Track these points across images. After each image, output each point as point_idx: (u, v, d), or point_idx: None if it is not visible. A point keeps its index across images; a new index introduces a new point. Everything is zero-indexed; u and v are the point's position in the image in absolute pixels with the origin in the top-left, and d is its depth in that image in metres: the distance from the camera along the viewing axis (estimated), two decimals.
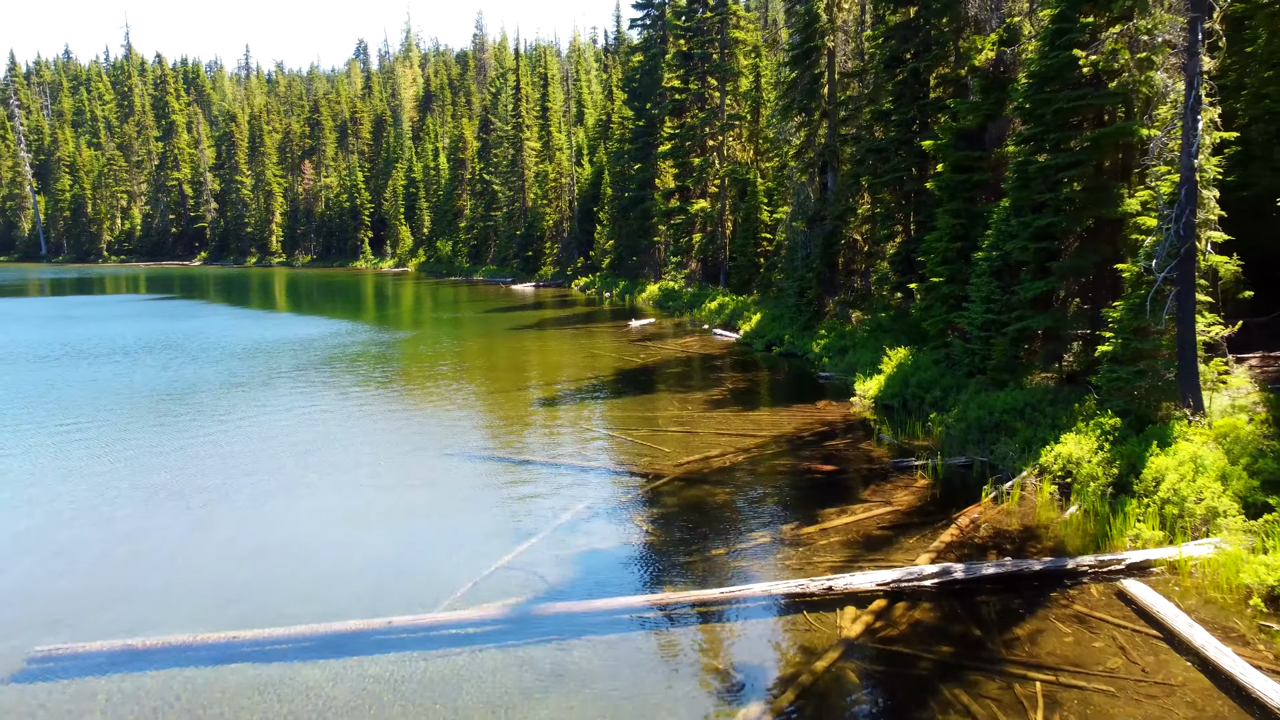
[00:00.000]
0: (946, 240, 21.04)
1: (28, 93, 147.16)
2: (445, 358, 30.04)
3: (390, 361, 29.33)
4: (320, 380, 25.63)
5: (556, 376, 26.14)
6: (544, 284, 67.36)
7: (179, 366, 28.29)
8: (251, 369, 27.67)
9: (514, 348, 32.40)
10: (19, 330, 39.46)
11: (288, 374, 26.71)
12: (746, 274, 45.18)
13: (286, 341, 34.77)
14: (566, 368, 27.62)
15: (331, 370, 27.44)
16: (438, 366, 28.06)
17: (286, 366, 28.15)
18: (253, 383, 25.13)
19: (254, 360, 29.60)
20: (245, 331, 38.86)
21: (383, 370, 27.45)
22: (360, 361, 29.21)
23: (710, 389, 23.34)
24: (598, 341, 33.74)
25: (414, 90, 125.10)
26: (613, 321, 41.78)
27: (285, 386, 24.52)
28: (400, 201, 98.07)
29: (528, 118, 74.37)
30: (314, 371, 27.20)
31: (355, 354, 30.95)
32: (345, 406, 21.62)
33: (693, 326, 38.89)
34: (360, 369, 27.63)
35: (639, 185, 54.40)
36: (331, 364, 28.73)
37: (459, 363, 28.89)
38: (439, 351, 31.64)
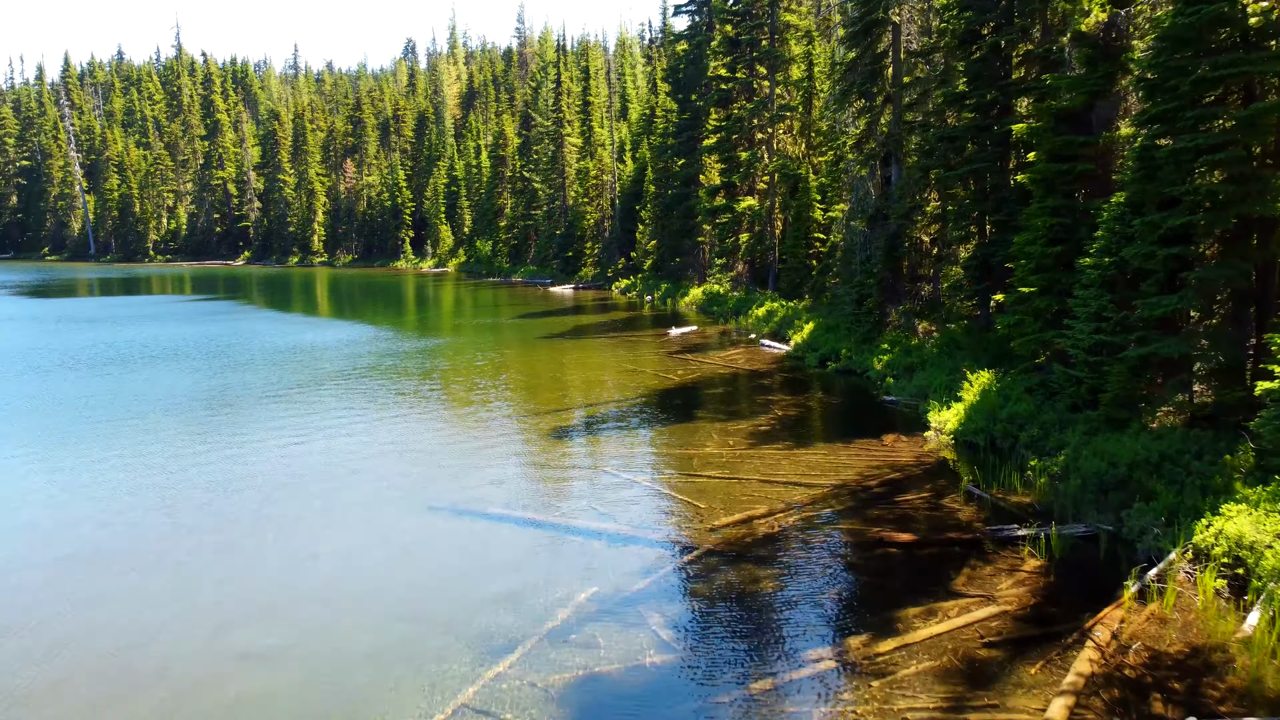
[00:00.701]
0: (1041, 243, 17.49)
1: (81, 94, 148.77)
2: (474, 372, 27.21)
3: (420, 376, 26.54)
4: (345, 395, 23.31)
5: (586, 397, 23.07)
6: (583, 286, 64.47)
7: (222, 373, 27.04)
8: (284, 380, 25.64)
9: (545, 360, 29.42)
10: (72, 334, 37.58)
11: (314, 386, 24.66)
12: (797, 278, 41.73)
13: (324, 350, 32.46)
14: (597, 386, 24.54)
15: (360, 384, 25.03)
16: (465, 383, 25.25)
17: (312, 378, 25.90)
18: (280, 396, 23.23)
19: (288, 370, 27.59)
20: (286, 337, 36.84)
21: (411, 386, 24.72)
22: (391, 375, 26.56)
23: (756, 416, 20.06)
24: (636, 353, 30.64)
25: (457, 87, 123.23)
26: (653, 329, 38.63)
27: (304, 401, 22.07)
28: (441, 200, 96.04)
29: (568, 113, 71.52)
30: (343, 384, 24.96)
31: (388, 366, 28.30)
32: (354, 429, 18.84)
33: (738, 336, 35.56)
34: (388, 384, 25.02)
35: (682, 182, 51.15)
36: (363, 376, 26.32)
37: (487, 378, 26.02)
38: (469, 365, 28.82)
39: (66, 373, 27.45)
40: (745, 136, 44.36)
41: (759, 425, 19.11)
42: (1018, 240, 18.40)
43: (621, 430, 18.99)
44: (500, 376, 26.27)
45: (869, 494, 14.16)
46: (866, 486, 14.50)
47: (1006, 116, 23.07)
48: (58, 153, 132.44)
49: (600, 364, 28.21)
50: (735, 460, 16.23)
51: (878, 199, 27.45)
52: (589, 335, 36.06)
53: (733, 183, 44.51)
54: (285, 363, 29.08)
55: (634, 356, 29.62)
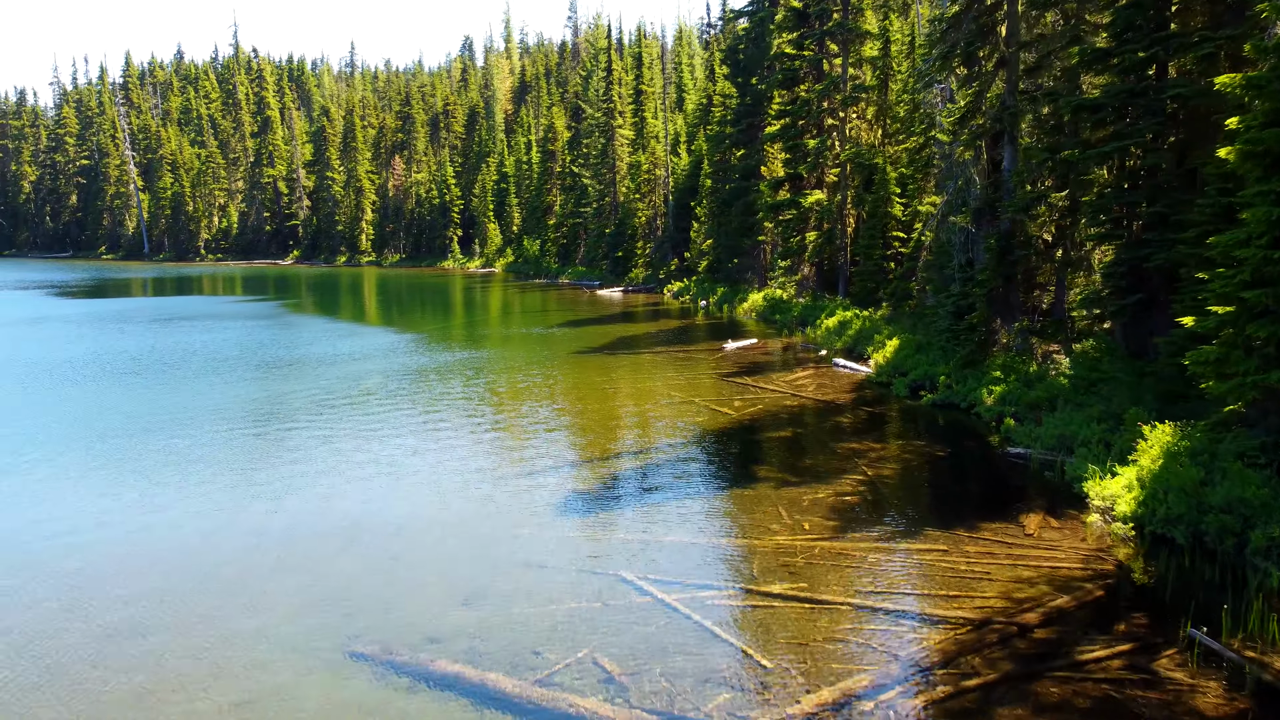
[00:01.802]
0: (1263, 244, 12.08)
1: (141, 93, 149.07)
2: (513, 398, 22.55)
3: (457, 401, 22.08)
4: (378, 422, 19.68)
5: (623, 442, 18.11)
6: (634, 288, 59.66)
7: (266, 387, 24.36)
8: (319, 400, 21.89)
9: (586, 385, 24.57)
10: (123, 339, 34.15)
11: (348, 409, 21.21)
12: (871, 282, 36.32)
13: (366, 363, 28.55)
14: (639, 426, 19.55)
15: (395, 409, 21.06)
16: (502, 412, 20.65)
17: (347, 398, 22.28)
18: (314, 419, 20.10)
19: (326, 385, 23.84)
20: (331, 345, 33.39)
21: (444, 415, 20.35)
22: (426, 400, 22.30)
23: (838, 477, 14.94)
24: (688, 373, 25.66)
25: (510, 81, 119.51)
26: (708, 341, 33.59)
27: (329, 432, 17.93)
28: (490, 198, 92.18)
29: (620, 103, 66.77)
30: (379, 408, 21.27)
31: (426, 387, 23.96)
32: (372, 470, 14.28)
33: (805, 351, 30.35)
34: (422, 411, 20.89)
35: (742, 175, 46.00)
36: (400, 399, 22.45)
37: (523, 408, 21.37)
38: (510, 388, 24.13)
39: (121, 381, 24.92)
40: (813, 121, 39.04)
41: (842, 494, 13.98)
42: (1217, 241, 12.94)
43: (659, 500, 14.01)
44: (537, 407, 21.48)
45: (1028, 642, 8.99)
46: (1022, 626, 9.31)
47: (1167, 79, 17.64)
48: (114, 152, 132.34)
49: (646, 391, 23.26)
50: (813, 562, 11.16)
51: (984, 188, 22.03)
52: (637, 350, 31.18)
53: (798, 174, 39.23)
54: (325, 379, 25.45)
55: (686, 379, 24.64)
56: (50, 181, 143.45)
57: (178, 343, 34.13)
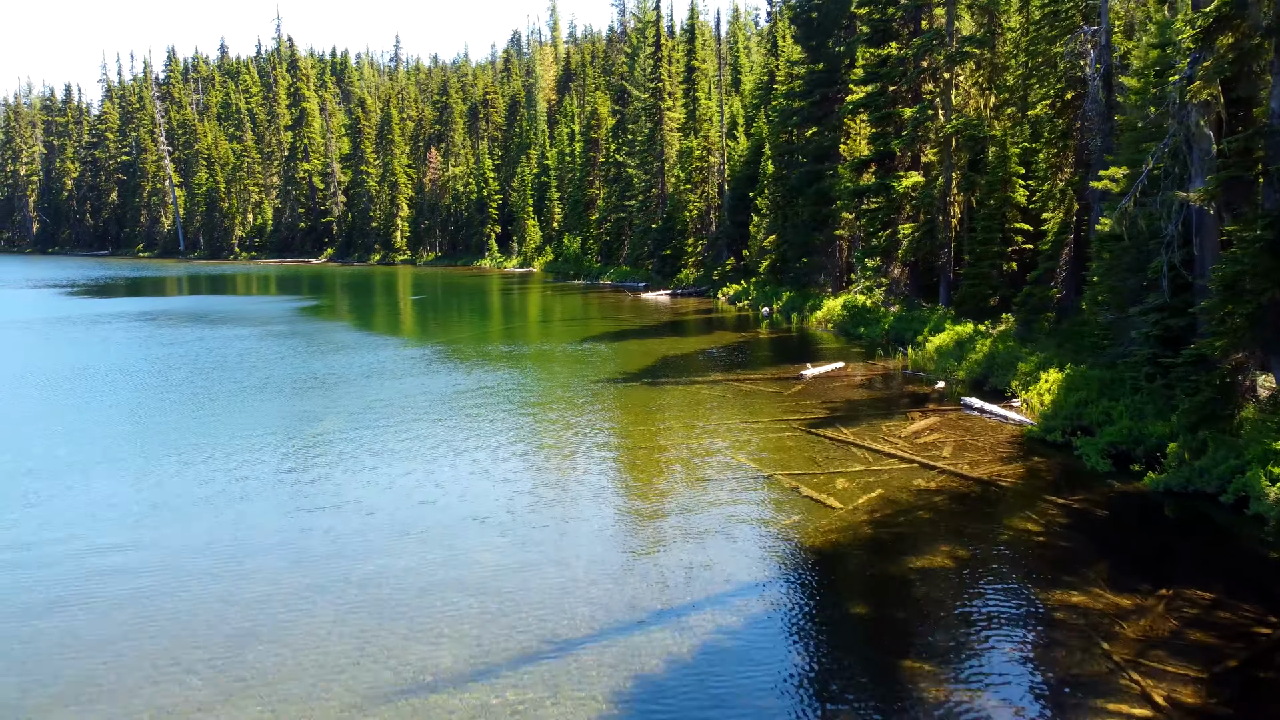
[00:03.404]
0: None
1: (183, 88, 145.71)
2: (536, 453, 15.54)
3: (485, 442, 15.89)
4: (402, 457, 14.75)
5: (654, 595, 10.72)
6: (683, 291, 52.24)
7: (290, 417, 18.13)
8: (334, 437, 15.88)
9: (613, 437, 17.37)
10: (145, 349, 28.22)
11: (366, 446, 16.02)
12: (984, 286, 28.57)
13: (395, 383, 22.88)
14: (683, 541, 12.05)
15: (421, 443, 16.08)
16: (523, 473, 13.64)
17: (370, 431, 17.17)
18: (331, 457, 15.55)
19: (350, 413, 18.98)
20: (357, 358, 27.81)
21: (468, 465, 14.43)
22: (454, 434, 16.78)
23: (1063, 672, 7.43)
24: (756, 419, 18.25)
25: (554, 70, 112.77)
26: (777, 364, 26.05)
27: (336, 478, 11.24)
28: (529, 192, 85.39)
29: (669, 82, 59.39)
30: (404, 441, 16.43)
31: (457, 416, 18.17)
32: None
33: (913, 381, 22.69)
34: (447, 449, 15.35)
35: (814, 157, 38.33)
36: (428, 428, 17.41)
37: (538, 476, 14.31)
38: (538, 432, 17.17)
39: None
40: (910, 86, 31.30)
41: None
42: None
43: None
44: (555, 479, 14.38)
45: None
46: None
47: None
48: (152, 147, 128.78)
49: (702, 453, 15.86)
50: None
51: (1231, 148, 14.22)
52: (690, 376, 23.81)
53: (889, 152, 31.48)
54: (344, 402, 20.88)
55: (757, 430, 17.21)
56: (91, 178, 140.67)
57: (208, 352, 28.01)
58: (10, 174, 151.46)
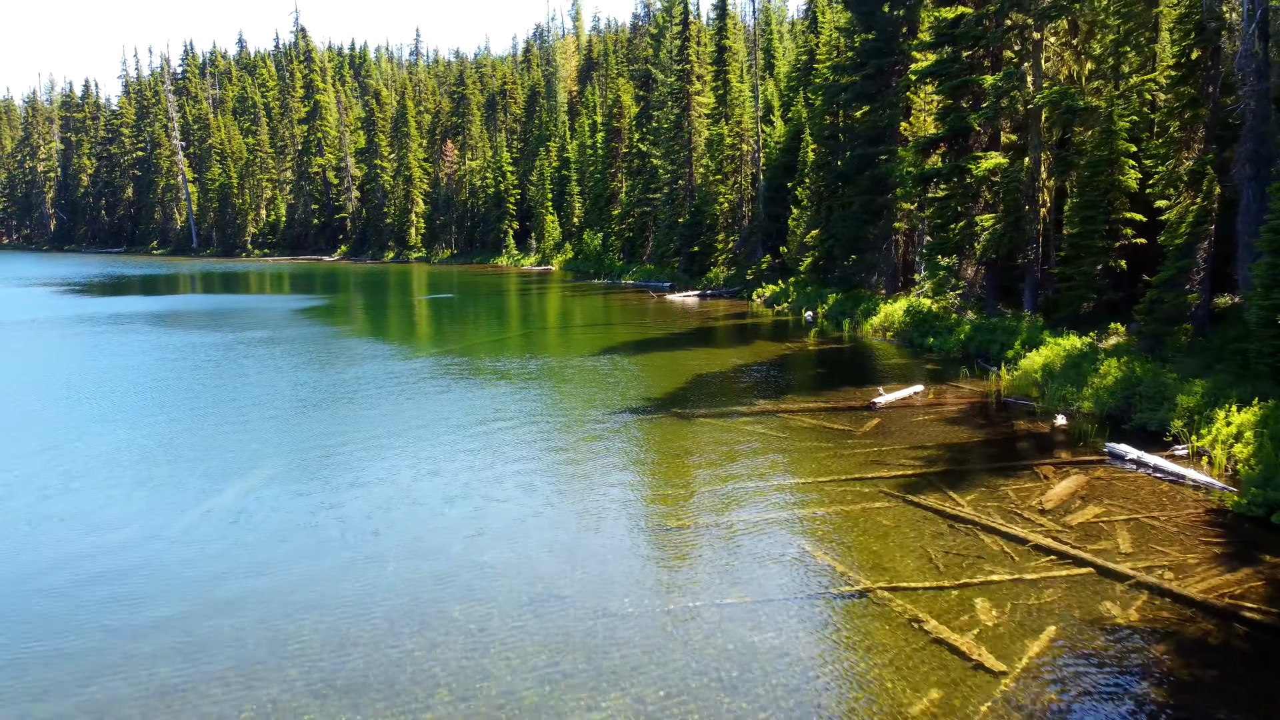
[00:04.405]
0: None
1: (200, 82, 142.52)
2: (549, 504, 10.84)
3: (494, 495, 10.62)
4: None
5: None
6: (712, 292, 47.36)
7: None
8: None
9: (637, 506, 12.60)
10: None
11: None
12: (1087, 289, 23.46)
13: (395, 414, 18.06)
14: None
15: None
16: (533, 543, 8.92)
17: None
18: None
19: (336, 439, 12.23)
20: (359, 370, 22.31)
21: (469, 534, 8.83)
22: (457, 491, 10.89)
23: None
24: (823, 474, 13.41)
25: (575, 60, 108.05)
26: (835, 388, 21.02)
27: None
28: (549, 186, 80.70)
29: (698, 64, 54.47)
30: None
31: (463, 462, 12.62)
32: None
33: (1015, 411, 17.68)
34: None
35: (867, 139, 33.28)
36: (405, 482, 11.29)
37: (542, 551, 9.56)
38: (552, 478, 12.48)
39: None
40: (990, 49, 26.22)
41: None
42: None
43: None
44: (527, 607, 9.64)
45: None
46: None
47: None
48: (166, 142, 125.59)
49: (750, 534, 11.03)
50: None
51: None
52: (726, 404, 18.93)
53: (965, 128, 26.40)
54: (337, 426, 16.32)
55: (824, 493, 12.38)
56: (106, 174, 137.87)
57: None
58: (29, 170, 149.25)
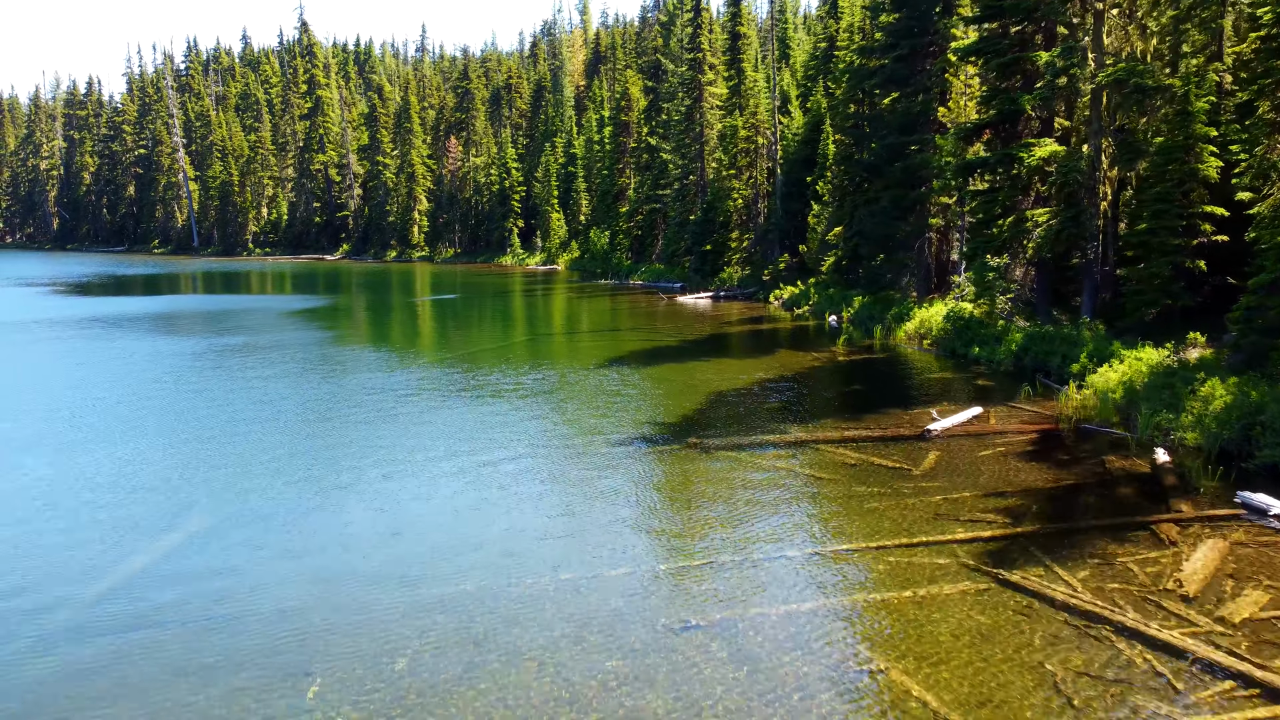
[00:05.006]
0: None
1: (203, 80, 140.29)
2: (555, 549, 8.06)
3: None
4: None
5: None
6: (726, 293, 44.55)
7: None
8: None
9: (625, 581, 9.82)
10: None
11: None
12: (1159, 294, 20.57)
13: (384, 441, 14.85)
14: None
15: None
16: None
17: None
18: None
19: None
20: (361, 383, 19.11)
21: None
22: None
23: None
24: (872, 533, 10.62)
25: (583, 54, 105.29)
26: (878, 410, 18.11)
27: None
28: (554, 183, 77.95)
29: (710, 52, 51.62)
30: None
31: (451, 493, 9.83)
32: None
33: (1097, 440, 14.81)
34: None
35: (898, 127, 30.39)
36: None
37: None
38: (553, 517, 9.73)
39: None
40: (1043, 23, 23.33)
41: None
42: None
43: None
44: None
45: None
46: None
47: None
48: (167, 139, 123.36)
49: (797, 644, 8.25)
50: None
51: None
52: (751, 430, 16.11)
53: (1016, 111, 23.49)
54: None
55: (888, 568, 9.59)
56: (108, 172, 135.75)
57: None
58: (31, 169, 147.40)
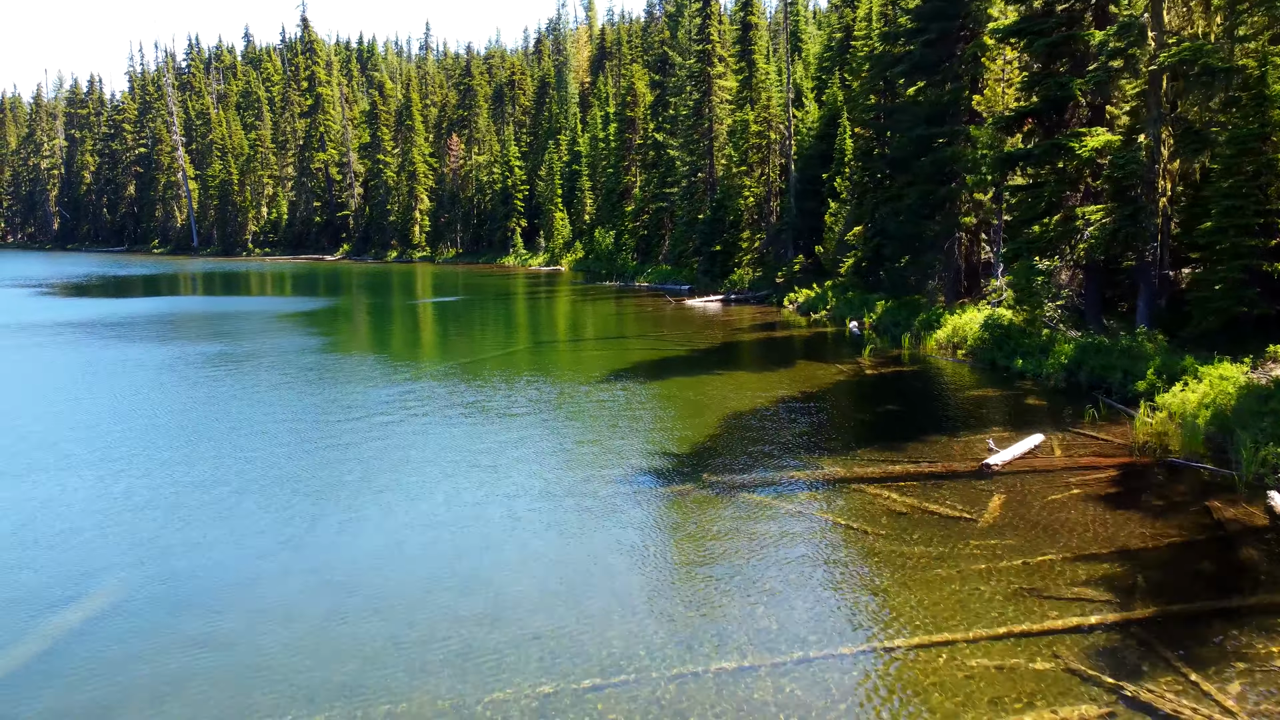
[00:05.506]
0: None
1: (204, 78, 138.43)
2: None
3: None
4: None
5: None
6: (737, 296, 42.26)
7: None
8: None
9: (623, 626, 7.65)
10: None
11: None
12: (1233, 301, 18.23)
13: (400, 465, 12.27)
14: None
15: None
16: None
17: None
18: None
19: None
20: (349, 400, 16.85)
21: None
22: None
23: None
24: (936, 618, 8.37)
25: (588, 50, 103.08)
26: (921, 437, 15.68)
27: None
28: (558, 181, 75.77)
29: (719, 44, 49.37)
30: None
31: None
32: None
33: (1189, 478, 12.51)
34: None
35: (926, 118, 28.05)
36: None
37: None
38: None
39: None
40: (1092, 2, 21.00)
41: None
42: None
43: None
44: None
45: None
46: None
47: None
48: (167, 138, 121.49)
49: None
50: None
51: None
52: (776, 464, 13.85)
53: (1064, 98, 21.16)
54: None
55: (962, 653, 7.32)
56: (108, 171, 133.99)
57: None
58: (32, 168, 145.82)
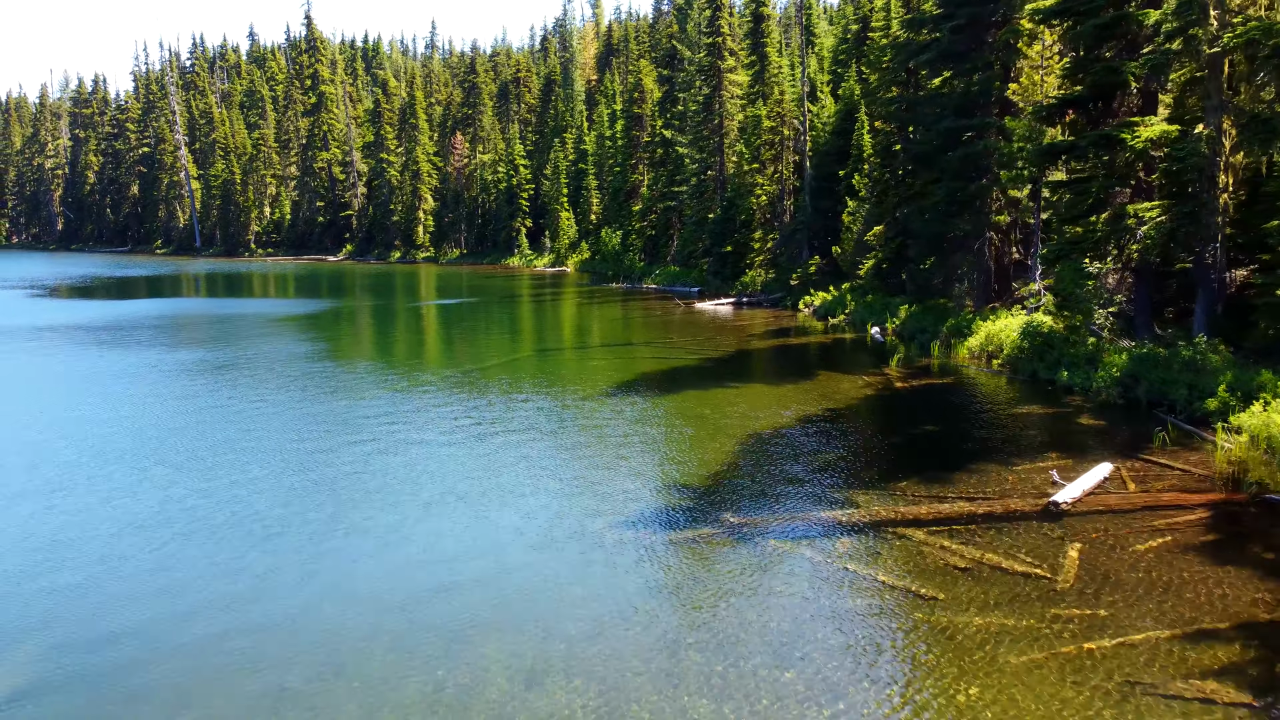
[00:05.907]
0: None
1: (208, 77, 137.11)
2: None
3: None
4: None
5: None
6: (750, 299, 40.43)
7: None
8: None
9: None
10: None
11: None
12: None
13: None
14: None
15: None
16: None
17: None
18: None
19: None
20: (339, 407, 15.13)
21: None
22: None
23: None
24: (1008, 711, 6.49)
25: (594, 48, 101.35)
26: (969, 466, 13.83)
27: None
28: (564, 180, 74.05)
29: (730, 37, 47.52)
30: None
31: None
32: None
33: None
34: None
35: (955, 110, 26.19)
36: None
37: None
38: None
39: None
40: None
41: None
42: None
43: None
44: None
45: None
46: None
47: None
48: (169, 137, 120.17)
49: None
50: None
51: None
52: (796, 491, 12.15)
53: (1115, 84, 19.29)
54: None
55: None
56: (112, 170, 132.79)
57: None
58: (36, 168, 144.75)
